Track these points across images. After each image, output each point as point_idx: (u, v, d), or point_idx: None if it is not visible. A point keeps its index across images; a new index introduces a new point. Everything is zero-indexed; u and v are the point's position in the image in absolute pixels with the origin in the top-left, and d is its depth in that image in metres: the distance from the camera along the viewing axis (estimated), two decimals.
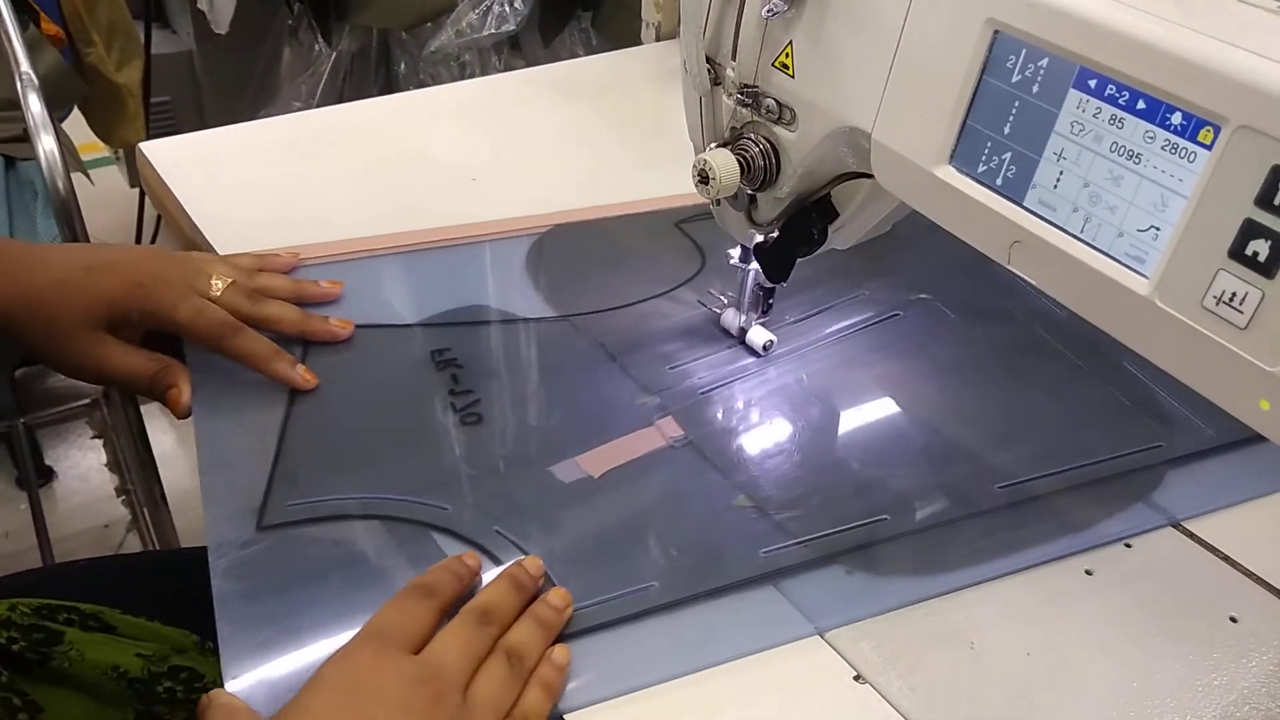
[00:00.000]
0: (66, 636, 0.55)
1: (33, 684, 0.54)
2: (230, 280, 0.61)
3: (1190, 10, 0.36)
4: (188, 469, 1.72)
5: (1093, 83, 0.37)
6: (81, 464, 1.70)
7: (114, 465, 1.59)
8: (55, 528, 1.50)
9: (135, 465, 1.20)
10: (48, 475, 1.65)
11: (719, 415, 0.62)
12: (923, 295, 0.72)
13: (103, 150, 1.83)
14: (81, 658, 0.54)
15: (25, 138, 1.06)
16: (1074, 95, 0.38)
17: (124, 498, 1.56)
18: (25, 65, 1.05)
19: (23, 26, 1.16)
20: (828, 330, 0.68)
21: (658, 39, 1.11)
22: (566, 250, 0.75)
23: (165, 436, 1.77)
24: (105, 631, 0.57)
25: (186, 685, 0.57)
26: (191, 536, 1.22)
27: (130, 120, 1.52)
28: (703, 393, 0.63)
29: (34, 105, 1.03)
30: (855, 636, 0.48)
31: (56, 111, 1.33)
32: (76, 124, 1.51)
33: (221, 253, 0.71)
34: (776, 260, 0.59)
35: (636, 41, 1.13)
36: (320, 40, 1.62)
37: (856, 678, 0.47)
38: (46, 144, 0.99)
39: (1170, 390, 0.63)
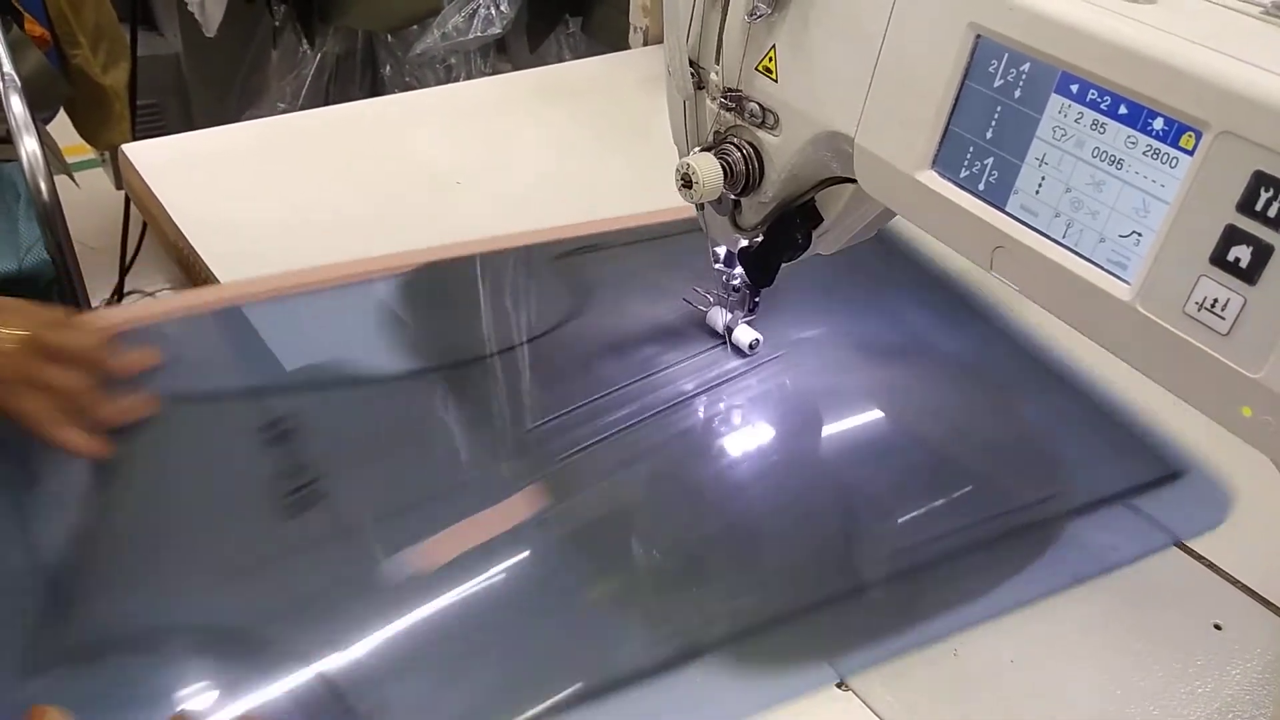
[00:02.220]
0: None
1: None
2: (22, 333, 0.54)
3: (1172, 15, 0.36)
4: None
5: (1075, 88, 0.37)
6: None
7: None
8: None
9: None
10: None
11: (588, 486, 0.54)
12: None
13: (89, 152, 1.82)
14: None
15: (8, 139, 1.05)
16: (1056, 100, 0.38)
17: None
18: (8, 66, 1.05)
19: (6, 28, 1.15)
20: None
21: (645, 43, 1.11)
22: (434, 292, 0.67)
23: None
24: None
25: None
26: None
27: (116, 122, 1.51)
28: (562, 459, 0.55)
29: (16, 106, 1.02)
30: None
31: (41, 113, 1.32)
32: (63, 126, 1.50)
33: (206, 253, 0.70)
34: (760, 265, 0.58)
35: (624, 46, 1.13)
36: (305, 42, 1.61)
37: (840, 685, 0.47)
38: (29, 146, 0.99)
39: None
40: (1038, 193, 0.39)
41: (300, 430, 0.56)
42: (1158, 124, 0.35)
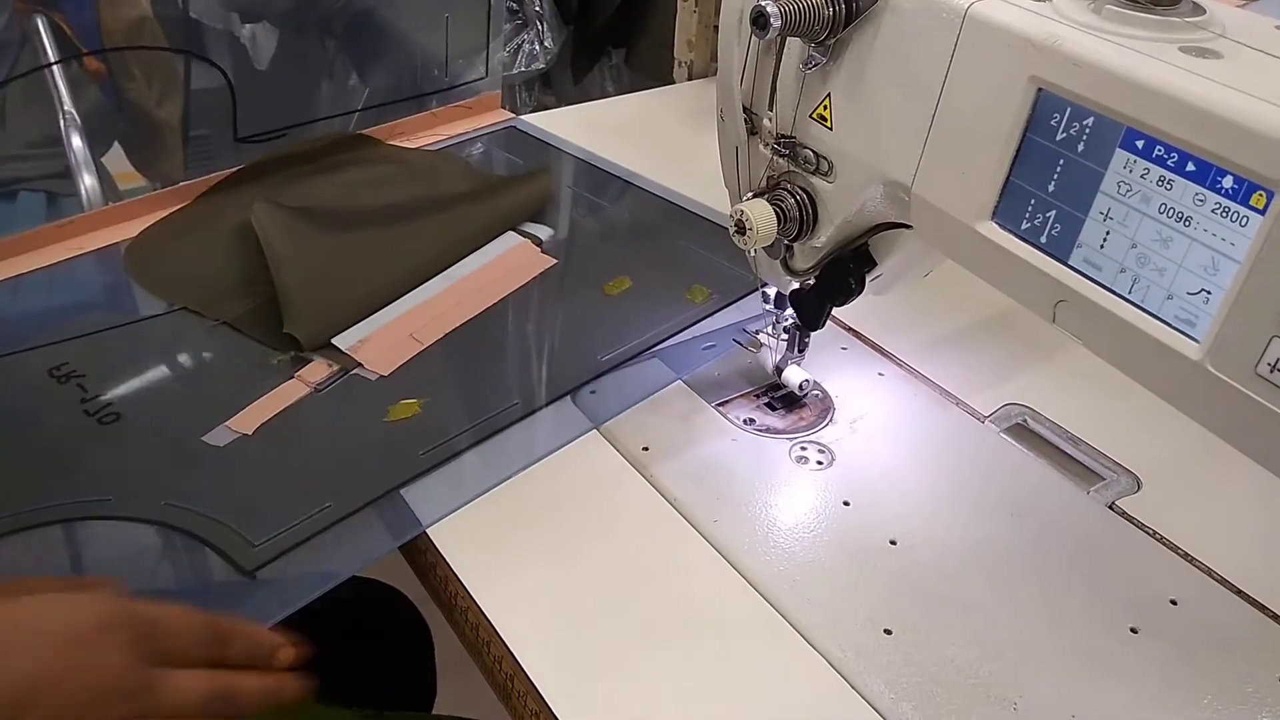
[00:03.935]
0: None
1: None
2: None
3: (1240, 71, 0.35)
4: None
5: (1140, 143, 0.37)
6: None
7: None
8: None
9: None
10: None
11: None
12: None
13: (140, 181, 1.86)
14: None
15: (66, 173, 1.08)
16: (1121, 155, 0.37)
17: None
18: (69, 104, 1.07)
19: (65, 65, 1.18)
20: None
21: (690, 78, 1.12)
22: (164, 245, 0.81)
23: None
24: None
25: None
26: None
27: (169, 155, 1.54)
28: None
29: (76, 143, 1.05)
30: (896, 696, 0.48)
31: (97, 148, 1.35)
32: (114, 155, 1.53)
33: None
34: (813, 308, 0.58)
35: (668, 79, 1.14)
36: (355, 75, 1.63)
37: None
38: (88, 182, 1.01)
39: None
40: (1102, 247, 0.39)
41: (82, 370, 0.67)
42: (1227, 182, 0.34)
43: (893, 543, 0.56)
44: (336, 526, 0.56)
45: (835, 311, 0.61)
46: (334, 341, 0.69)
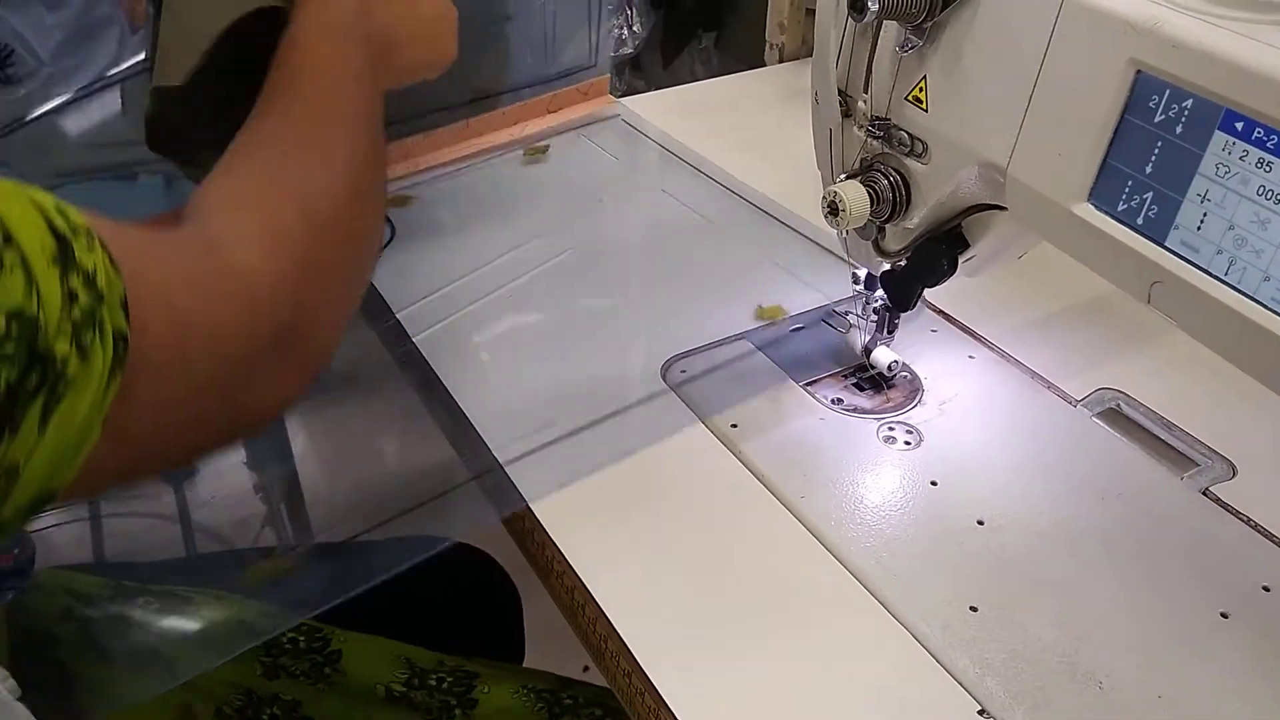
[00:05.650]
0: (195, 599, 0.60)
1: (166, 642, 0.59)
2: None
3: None
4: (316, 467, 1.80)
5: (1239, 125, 0.37)
6: (221, 459, 1.78)
7: (253, 463, 1.67)
8: (197, 519, 1.59)
9: (274, 463, 1.27)
10: (191, 469, 1.74)
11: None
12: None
13: None
14: (211, 614, 0.59)
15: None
16: (1219, 137, 0.38)
17: (261, 494, 1.64)
18: None
19: None
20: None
21: (781, 60, 1.12)
22: None
23: (299, 436, 1.85)
24: None
25: (308, 637, 0.61)
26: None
27: None
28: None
29: None
30: (981, 672, 0.48)
31: None
32: None
33: None
34: (903, 289, 0.59)
35: (759, 62, 1.14)
36: (461, 64, 1.67)
37: (981, 712, 0.47)
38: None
39: None
40: (1199, 229, 0.39)
41: None
42: None
43: (980, 523, 0.57)
44: (442, 498, 0.59)
45: (926, 294, 0.62)
46: None
